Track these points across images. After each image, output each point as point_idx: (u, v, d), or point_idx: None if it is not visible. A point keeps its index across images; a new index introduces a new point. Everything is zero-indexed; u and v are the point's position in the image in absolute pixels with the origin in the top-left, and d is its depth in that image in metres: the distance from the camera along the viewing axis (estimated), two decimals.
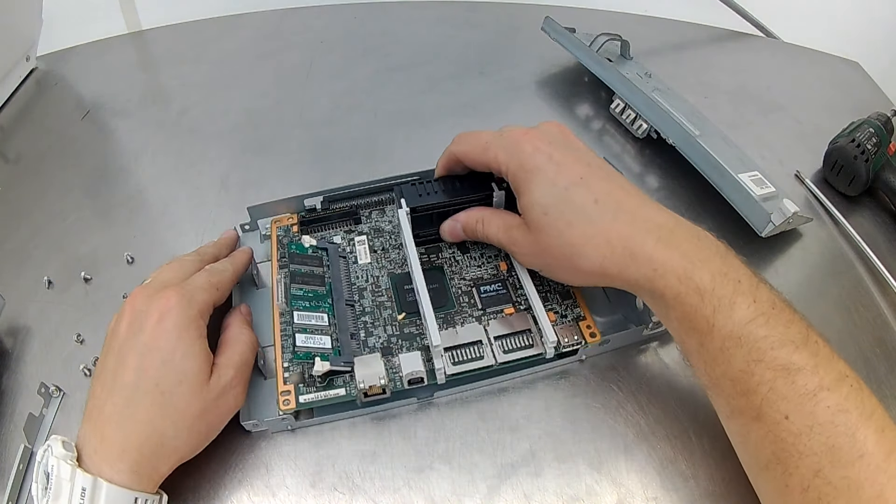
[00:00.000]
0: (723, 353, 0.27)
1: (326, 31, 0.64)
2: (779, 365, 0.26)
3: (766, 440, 0.26)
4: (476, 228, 0.37)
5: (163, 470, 0.29)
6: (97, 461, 0.27)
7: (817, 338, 0.27)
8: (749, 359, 0.26)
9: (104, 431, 0.28)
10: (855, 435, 0.25)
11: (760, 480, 0.28)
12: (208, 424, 0.30)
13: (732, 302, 0.27)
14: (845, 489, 0.24)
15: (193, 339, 0.30)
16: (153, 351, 0.29)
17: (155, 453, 0.28)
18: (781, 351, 0.26)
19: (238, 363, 0.31)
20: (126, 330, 0.30)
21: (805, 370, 0.26)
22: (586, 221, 0.30)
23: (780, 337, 0.26)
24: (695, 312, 0.27)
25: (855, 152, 0.44)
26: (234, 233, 0.40)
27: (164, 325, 0.29)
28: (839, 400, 0.25)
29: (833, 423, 0.25)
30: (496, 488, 0.31)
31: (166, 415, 0.28)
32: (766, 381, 0.26)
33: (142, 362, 0.28)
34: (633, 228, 0.29)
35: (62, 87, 0.58)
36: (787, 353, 0.26)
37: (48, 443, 0.27)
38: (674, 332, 0.30)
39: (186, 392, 0.29)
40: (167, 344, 0.29)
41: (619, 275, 0.30)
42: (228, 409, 0.31)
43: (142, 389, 0.28)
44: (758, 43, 0.64)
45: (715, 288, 0.27)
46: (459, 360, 0.34)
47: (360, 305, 0.37)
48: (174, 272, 0.33)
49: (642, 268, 0.29)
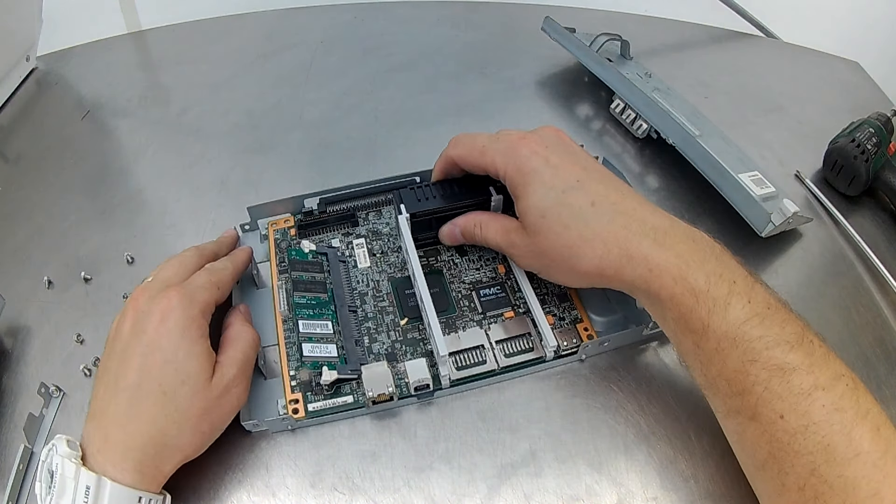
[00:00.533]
0: (718, 354, 0.27)
1: (326, 31, 0.64)
2: (774, 365, 0.26)
3: (761, 440, 0.26)
4: (474, 232, 0.37)
5: (166, 469, 0.29)
6: (101, 460, 0.27)
7: (813, 337, 0.27)
8: (744, 359, 0.26)
9: (108, 431, 0.28)
10: (850, 434, 0.25)
11: (757, 480, 0.28)
12: (211, 424, 0.30)
13: (727, 302, 0.27)
14: (841, 488, 0.24)
15: (196, 338, 0.30)
16: (156, 351, 0.29)
17: (158, 453, 0.28)
18: (776, 351, 0.26)
19: (240, 361, 0.31)
20: (129, 330, 0.30)
21: (800, 370, 0.26)
22: (583, 224, 0.31)
23: (775, 337, 0.26)
24: (690, 313, 0.28)
25: (855, 152, 0.44)
26: (235, 232, 0.40)
27: (166, 325, 0.29)
28: (834, 399, 0.25)
29: (828, 422, 0.25)
30: (496, 488, 0.31)
31: (169, 415, 0.28)
32: (761, 381, 0.26)
33: (145, 362, 0.29)
34: (629, 230, 0.30)
35: (62, 87, 0.58)
36: (782, 353, 0.26)
37: (53, 441, 0.27)
38: (669, 333, 0.30)
39: (189, 392, 0.29)
40: (169, 344, 0.29)
41: (615, 276, 0.30)
42: (231, 408, 0.31)
43: (145, 390, 0.28)
44: (758, 43, 0.64)
45: (710, 289, 0.27)
46: (463, 366, 0.34)
47: (363, 311, 0.37)
48: (175, 270, 0.33)
49: (638, 268, 0.29)
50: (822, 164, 0.47)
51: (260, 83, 0.57)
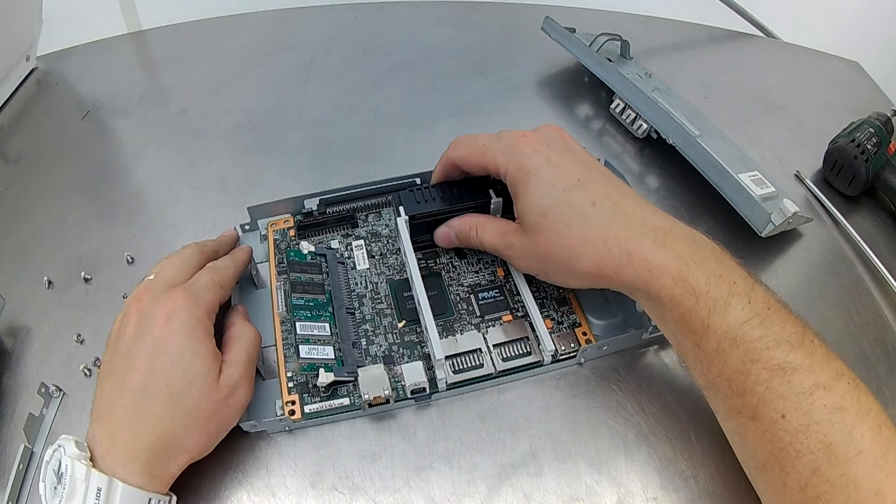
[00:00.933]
0: (719, 354, 0.27)
1: (326, 31, 0.64)
2: (775, 364, 0.26)
3: (763, 439, 0.26)
4: (469, 235, 0.36)
5: (173, 470, 0.29)
6: (110, 462, 0.27)
7: (813, 337, 0.27)
8: (745, 359, 0.26)
9: (115, 433, 0.28)
10: (852, 433, 0.25)
11: (759, 480, 0.28)
12: (218, 424, 0.30)
13: (727, 303, 0.27)
14: (843, 487, 0.24)
15: (202, 338, 0.30)
16: (162, 352, 0.29)
17: (166, 454, 0.28)
18: (777, 350, 0.26)
19: (245, 360, 0.31)
20: (133, 331, 0.29)
21: (801, 369, 0.26)
22: (584, 223, 0.31)
23: (776, 337, 0.26)
24: (690, 314, 0.28)
25: (855, 152, 0.44)
26: (235, 232, 0.40)
27: (171, 326, 0.29)
28: (835, 398, 0.25)
29: (830, 422, 0.25)
30: (496, 488, 0.31)
31: (177, 416, 0.28)
32: (762, 381, 0.26)
33: (151, 364, 0.28)
34: (629, 230, 0.30)
35: (62, 87, 0.58)
36: (783, 353, 0.26)
37: (59, 442, 0.27)
38: (669, 334, 0.30)
39: (196, 393, 0.29)
40: (175, 345, 0.29)
41: (615, 276, 0.30)
42: (238, 407, 0.31)
43: (152, 391, 0.28)
44: (758, 43, 0.64)
45: (710, 289, 0.27)
46: (460, 369, 0.34)
47: (361, 313, 0.37)
48: (177, 269, 0.32)
49: (638, 269, 0.29)
50: (822, 164, 0.47)
51: (260, 83, 0.57)
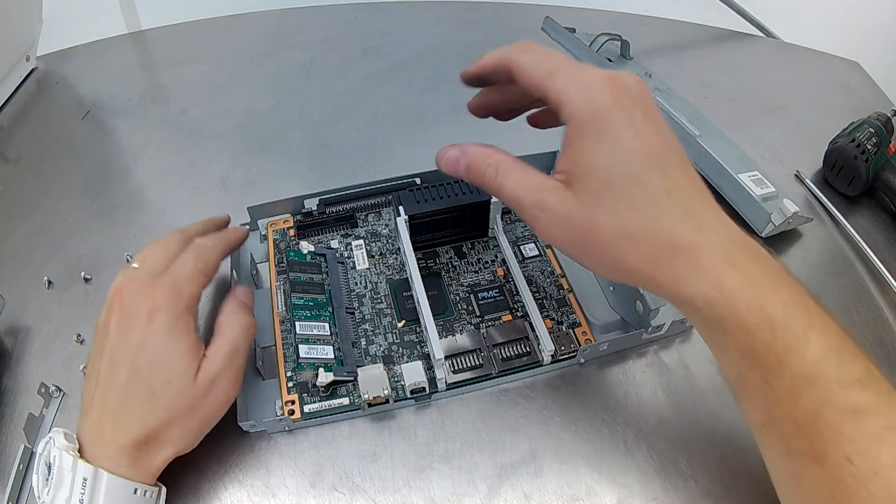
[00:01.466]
0: (790, 394, 0.24)
1: (326, 31, 0.64)
2: (848, 407, 0.23)
3: (824, 483, 0.24)
4: (486, 173, 0.28)
5: (158, 463, 0.29)
6: (97, 454, 0.27)
7: (874, 368, 0.25)
8: (819, 401, 0.24)
9: (101, 428, 0.28)
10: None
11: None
12: (199, 420, 0.30)
13: (806, 338, 0.24)
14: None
15: (181, 335, 0.30)
16: (143, 351, 0.29)
17: (151, 449, 0.28)
18: (851, 392, 0.24)
19: (226, 353, 0.31)
20: (115, 328, 0.30)
21: (871, 411, 0.24)
22: (653, 212, 0.25)
23: (849, 376, 0.24)
24: (765, 348, 0.24)
25: (855, 152, 0.44)
26: (226, 216, 0.39)
27: (152, 326, 0.29)
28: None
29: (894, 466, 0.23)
30: (496, 488, 0.31)
31: (157, 414, 0.28)
32: (832, 424, 0.23)
33: (133, 363, 0.29)
34: (700, 237, 0.25)
35: (62, 87, 0.58)
36: (856, 395, 0.24)
37: (50, 434, 0.28)
38: (728, 364, 0.26)
39: (175, 391, 0.29)
40: (156, 344, 0.29)
41: (670, 285, 0.25)
42: (219, 402, 0.30)
43: (134, 390, 0.28)
44: (758, 43, 0.64)
45: (788, 321, 0.24)
46: (459, 369, 0.34)
47: (360, 313, 0.37)
48: (159, 258, 0.32)
49: (705, 286, 0.24)
50: (822, 164, 0.47)
51: (260, 83, 0.57)
